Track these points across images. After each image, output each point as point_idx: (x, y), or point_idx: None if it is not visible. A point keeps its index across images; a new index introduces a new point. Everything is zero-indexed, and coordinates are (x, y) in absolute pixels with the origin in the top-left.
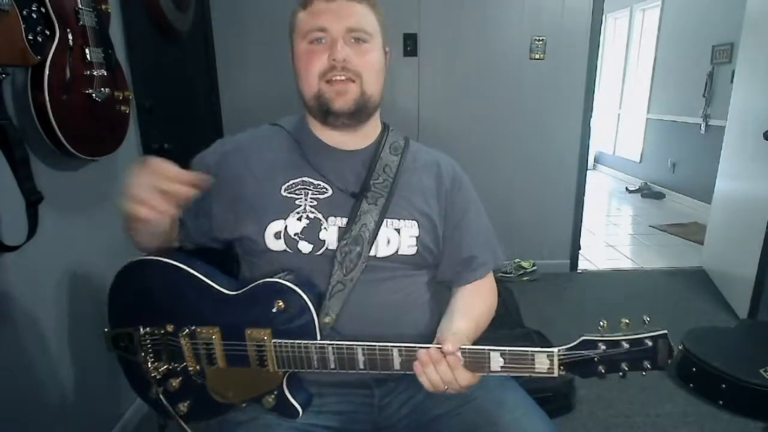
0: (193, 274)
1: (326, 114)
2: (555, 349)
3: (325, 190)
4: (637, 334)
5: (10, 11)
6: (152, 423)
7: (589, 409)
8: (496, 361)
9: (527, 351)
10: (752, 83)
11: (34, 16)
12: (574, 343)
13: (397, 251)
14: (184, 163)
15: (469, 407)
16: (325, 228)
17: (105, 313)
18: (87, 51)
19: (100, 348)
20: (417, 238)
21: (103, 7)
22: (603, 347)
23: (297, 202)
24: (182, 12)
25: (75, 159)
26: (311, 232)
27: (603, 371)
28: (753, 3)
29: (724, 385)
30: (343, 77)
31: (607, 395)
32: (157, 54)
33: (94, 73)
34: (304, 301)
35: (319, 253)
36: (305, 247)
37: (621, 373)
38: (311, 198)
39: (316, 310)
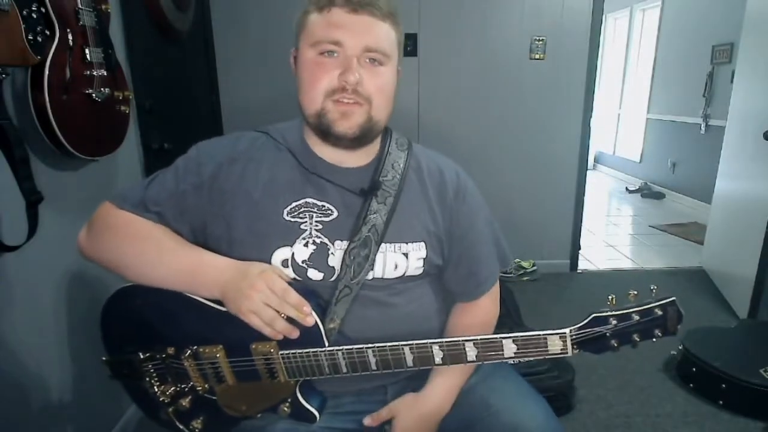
0: (186, 296)
1: (326, 135)
2: (567, 330)
3: (330, 212)
4: (647, 304)
5: (10, 11)
6: (153, 423)
7: (589, 409)
8: (509, 348)
9: (539, 334)
10: (752, 83)
11: (34, 16)
12: (585, 321)
13: (404, 274)
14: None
15: (467, 396)
16: (332, 253)
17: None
18: (87, 51)
19: (99, 348)
20: (425, 259)
21: (103, 7)
22: (614, 322)
23: (302, 226)
24: (182, 12)
25: (75, 159)
26: (319, 258)
27: (615, 344)
28: (753, 3)
29: (724, 385)
30: (351, 100)
31: (607, 395)
32: (157, 54)
33: (94, 73)
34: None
35: (332, 279)
36: (315, 275)
37: (632, 344)
38: (316, 221)
39: (320, 317)
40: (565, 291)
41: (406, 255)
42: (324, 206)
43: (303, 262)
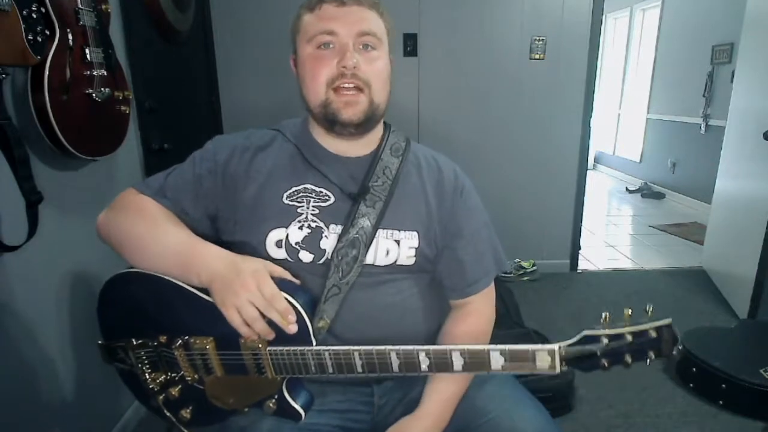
0: (180, 286)
1: (332, 123)
2: (556, 346)
3: (327, 197)
4: (641, 325)
5: (10, 11)
6: (152, 423)
7: (589, 409)
8: (497, 360)
9: (528, 349)
10: (752, 83)
11: (34, 16)
12: (576, 338)
13: (395, 262)
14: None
15: (463, 402)
16: (326, 236)
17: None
18: (87, 51)
19: (96, 343)
20: (416, 249)
21: (103, 7)
22: (605, 341)
23: (299, 210)
24: (182, 12)
25: (75, 159)
26: (312, 241)
27: (606, 364)
28: (753, 3)
29: (724, 385)
30: (351, 85)
31: (607, 395)
32: (157, 54)
33: (94, 73)
34: (296, 308)
35: (320, 262)
36: (306, 256)
37: (624, 365)
38: (313, 206)
39: (309, 316)
40: (565, 291)
41: (398, 242)
42: (322, 192)
43: (296, 243)
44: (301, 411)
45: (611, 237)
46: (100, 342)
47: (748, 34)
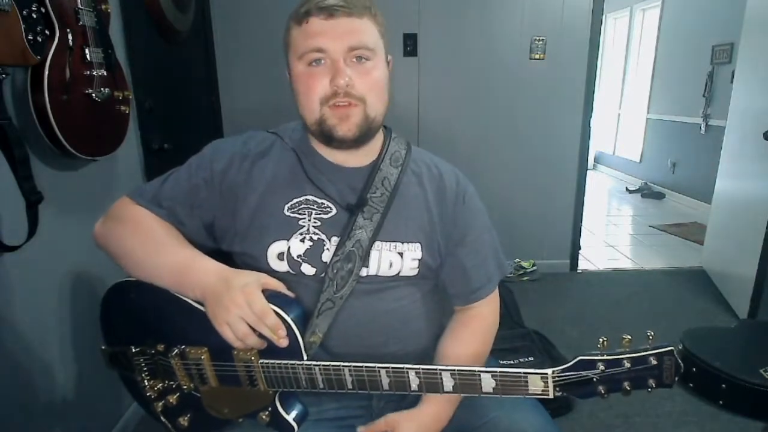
0: (177, 296)
1: (329, 140)
2: (549, 371)
3: (329, 209)
4: (640, 351)
5: (10, 11)
6: (152, 423)
7: (589, 409)
8: (488, 383)
9: (520, 373)
10: (752, 83)
11: (34, 16)
12: (570, 363)
13: (398, 273)
14: (183, 163)
15: (461, 404)
16: (327, 249)
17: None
18: (87, 51)
19: (100, 348)
20: (419, 260)
21: (103, 7)
22: (602, 367)
23: (300, 222)
24: (182, 12)
25: (75, 159)
26: (314, 254)
27: (603, 391)
28: (753, 3)
29: (724, 385)
30: (346, 102)
31: None
32: (157, 54)
33: (94, 73)
34: (286, 322)
35: (323, 275)
36: (308, 269)
37: (623, 392)
38: (315, 218)
39: (300, 330)
40: (565, 291)
41: (401, 254)
42: (324, 204)
43: (298, 256)
44: (294, 424)
45: (611, 237)
46: (103, 347)
47: (748, 34)
